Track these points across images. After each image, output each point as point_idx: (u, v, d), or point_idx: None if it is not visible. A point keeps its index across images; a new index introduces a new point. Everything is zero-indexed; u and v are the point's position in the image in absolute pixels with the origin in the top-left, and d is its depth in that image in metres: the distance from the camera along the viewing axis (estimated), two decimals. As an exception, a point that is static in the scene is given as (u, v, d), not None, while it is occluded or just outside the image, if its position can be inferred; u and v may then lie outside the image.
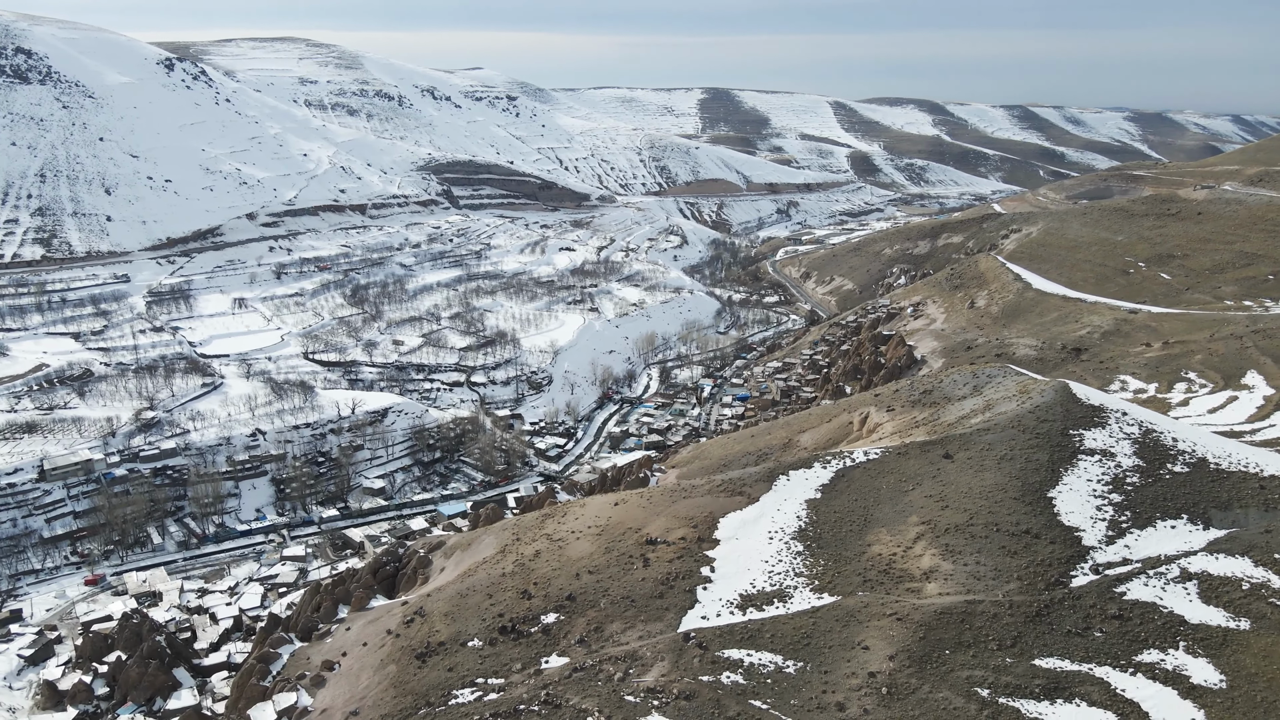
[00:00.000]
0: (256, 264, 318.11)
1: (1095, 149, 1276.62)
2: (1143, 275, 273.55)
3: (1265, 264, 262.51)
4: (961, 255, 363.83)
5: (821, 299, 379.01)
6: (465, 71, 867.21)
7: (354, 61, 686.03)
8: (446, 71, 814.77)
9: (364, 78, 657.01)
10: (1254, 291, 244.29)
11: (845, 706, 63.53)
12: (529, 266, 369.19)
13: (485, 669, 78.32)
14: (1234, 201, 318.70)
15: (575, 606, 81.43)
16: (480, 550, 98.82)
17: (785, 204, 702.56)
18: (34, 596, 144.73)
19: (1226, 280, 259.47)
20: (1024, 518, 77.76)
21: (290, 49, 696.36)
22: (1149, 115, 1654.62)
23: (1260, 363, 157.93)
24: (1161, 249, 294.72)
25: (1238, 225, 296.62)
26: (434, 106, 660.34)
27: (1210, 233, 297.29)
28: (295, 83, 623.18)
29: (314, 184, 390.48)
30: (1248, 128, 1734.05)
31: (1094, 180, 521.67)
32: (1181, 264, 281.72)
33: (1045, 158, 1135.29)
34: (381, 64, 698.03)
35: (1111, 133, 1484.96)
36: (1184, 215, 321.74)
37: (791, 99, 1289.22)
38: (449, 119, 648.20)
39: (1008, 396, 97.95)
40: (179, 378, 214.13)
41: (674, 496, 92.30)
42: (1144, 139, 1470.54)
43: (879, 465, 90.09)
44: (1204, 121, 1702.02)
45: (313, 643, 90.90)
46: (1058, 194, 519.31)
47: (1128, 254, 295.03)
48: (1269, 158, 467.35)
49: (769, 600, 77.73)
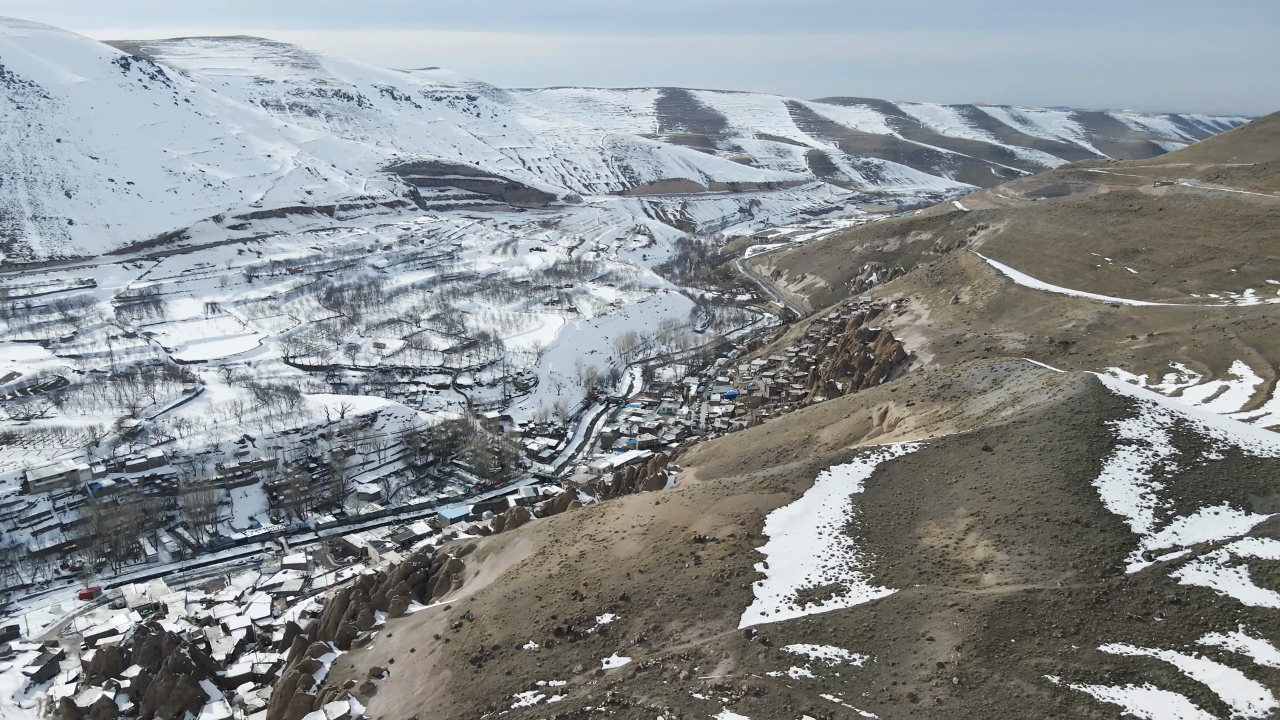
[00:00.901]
0: (226, 267, 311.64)
1: (1043, 147, 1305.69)
2: (1110, 270, 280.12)
3: (1227, 258, 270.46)
4: (931, 252, 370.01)
5: (794, 297, 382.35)
6: (422, 71, 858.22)
7: (310, 61, 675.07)
8: (403, 71, 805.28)
9: (322, 77, 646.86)
10: (1219, 285, 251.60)
11: (918, 697, 64.21)
12: (502, 267, 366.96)
13: (545, 671, 77.83)
14: (1193, 197, 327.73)
15: (630, 606, 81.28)
16: (516, 553, 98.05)
17: (747, 203, 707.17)
18: (28, 612, 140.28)
19: (1191, 274, 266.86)
20: (1072, 507, 79.31)
21: (244, 48, 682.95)
22: (1091, 114, 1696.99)
23: (1245, 353, 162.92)
24: (1126, 244, 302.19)
25: (1198, 220, 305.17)
26: (394, 107, 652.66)
27: (1172, 228, 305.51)
28: (251, 82, 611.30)
29: (280, 185, 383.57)
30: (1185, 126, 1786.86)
31: (1052, 178, 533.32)
32: (1147, 258, 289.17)
33: (996, 156, 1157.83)
34: (339, 64, 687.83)
35: (1057, 131, 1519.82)
36: (1146, 211, 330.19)
37: (747, 99, 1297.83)
38: (409, 119, 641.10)
39: (1035, 389, 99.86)
40: (158, 385, 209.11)
41: (717, 494, 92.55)
42: (1088, 137, 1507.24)
43: (919, 459, 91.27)
44: (1143, 120, 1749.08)
45: (352, 650, 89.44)
46: (1017, 191, 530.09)
47: (1094, 249, 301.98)
48: (1219, 155, 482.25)
49: (826, 595, 78.22)
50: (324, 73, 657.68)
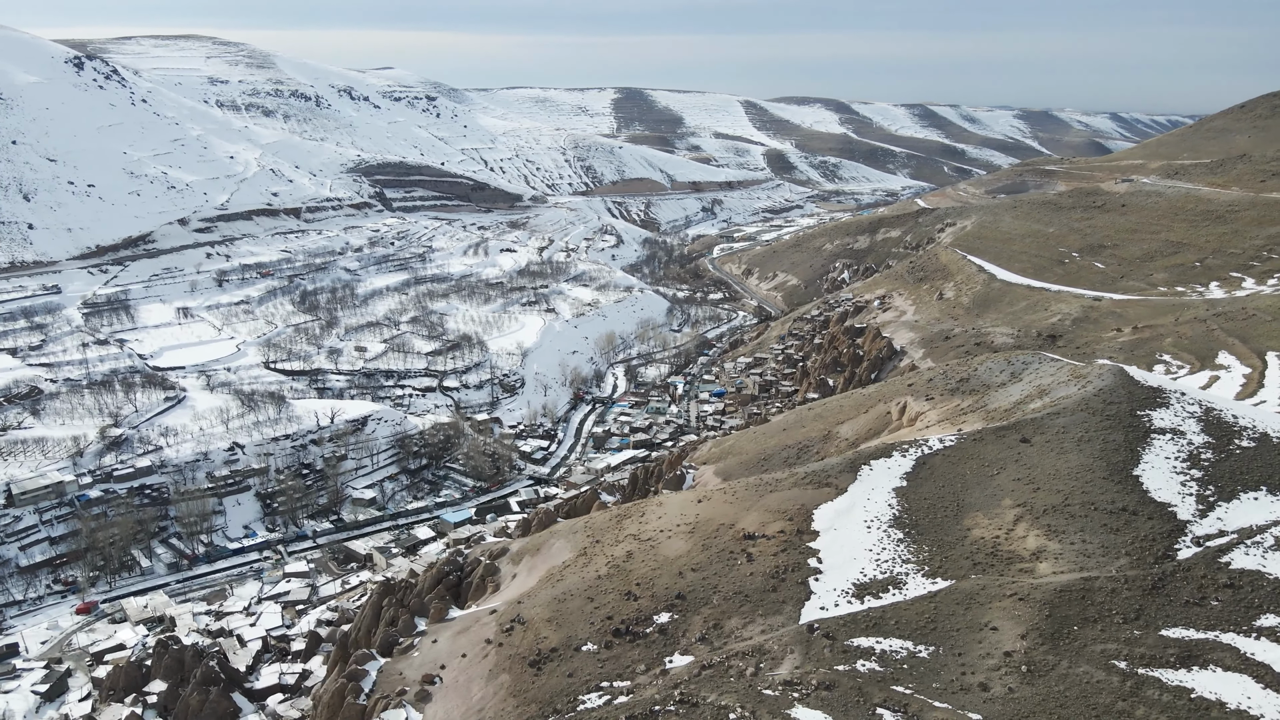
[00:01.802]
0: (195, 271, 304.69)
1: (992, 145, 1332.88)
2: (1078, 265, 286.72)
3: (1191, 252, 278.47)
4: (901, 249, 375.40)
5: (767, 295, 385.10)
6: (377, 71, 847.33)
7: (265, 61, 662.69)
8: (359, 71, 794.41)
9: (278, 77, 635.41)
10: (1184, 278, 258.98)
11: (989, 686, 65.05)
12: (475, 268, 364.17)
13: (607, 672, 77.54)
14: (1154, 194, 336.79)
15: (686, 605, 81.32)
16: (553, 555, 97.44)
17: (710, 202, 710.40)
18: (23, 629, 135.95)
19: (1157, 268, 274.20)
20: (1117, 496, 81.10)
21: (196, 47, 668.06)
22: (1036, 113, 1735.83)
23: (1229, 343, 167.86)
24: (1092, 239, 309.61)
25: (1160, 216, 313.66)
26: (353, 107, 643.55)
27: (1136, 223, 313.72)
28: (205, 82, 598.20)
29: (244, 187, 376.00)
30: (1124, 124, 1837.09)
31: (1010, 175, 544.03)
32: (1113, 254, 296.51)
33: (948, 154, 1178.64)
34: (295, 63, 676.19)
35: (1004, 130, 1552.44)
36: (1109, 207, 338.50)
37: (703, 98, 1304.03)
38: (369, 120, 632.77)
39: (1061, 382, 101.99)
40: (138, 392, 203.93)
41: (760, 491, 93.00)
42: (1034, 136, 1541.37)
43: (958, 452, 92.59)
44: (1085, 119, 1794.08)
45: (397, 658, 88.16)
46: (977, 189, 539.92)
47: (1061, 245, 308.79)
48: (1170, 152, 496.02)
49: (883, 588, 78.94)
50: (280, 73, 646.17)
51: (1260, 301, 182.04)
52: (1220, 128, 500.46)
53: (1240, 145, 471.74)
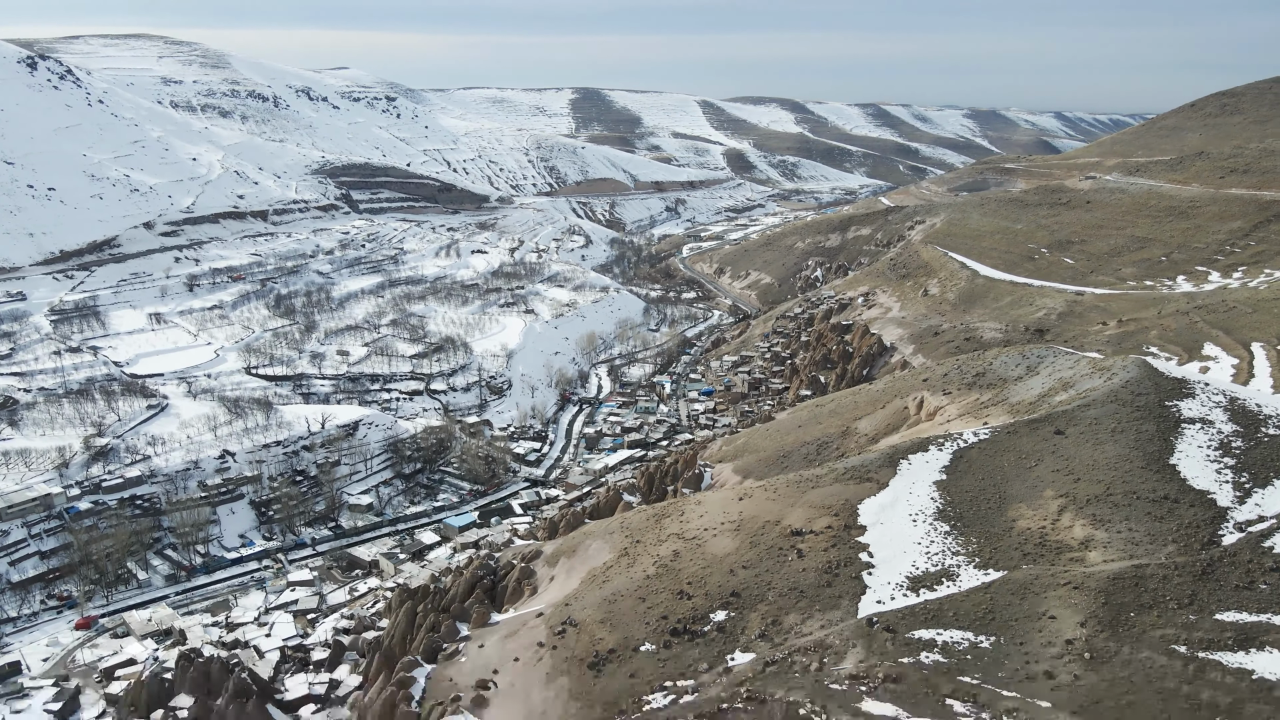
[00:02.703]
0: (165, 276, 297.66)
1: (944, 144, 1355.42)
2: (1048, 261, 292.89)
3: (1156, 247, 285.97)
4: (872, 246, 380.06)
5: (741, 293, 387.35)
6: (332, 71, 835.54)
7: (220, 60, 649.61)
8: (315, 71, 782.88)
9: (233, 77, 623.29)
10: (1152, 273, 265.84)
11: (1054, 674, 66.10)
12: (448, 270, 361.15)
13: (669, 672, 77.51)
14: (1117, 190, 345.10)
15: (741, 602, 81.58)
16: (591, 556, 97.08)
17: (673, 201, 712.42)
18: (21, 646, 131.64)
19: (1125, 263, 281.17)
20: (1157, 485, 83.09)
21: (148, 47, 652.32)
22: (984, 113, 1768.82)
23: (1213, 335, 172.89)
24: (1059, 235, 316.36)
25: (1124, 212, 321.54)
26: (311, 108, 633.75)
27: (1101, 219, 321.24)
28: (158, 82, 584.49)
29: (210, 190, 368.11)
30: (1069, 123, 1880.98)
31: (971, 173, 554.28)
32: (1081, 249, 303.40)
33: (902, 153, 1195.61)
34: (250, 63, 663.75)
35: (955, 129, 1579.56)
36: (1074, 204, 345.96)
37: (660, 98, 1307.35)
38: (329, 120, 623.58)
39: (1084, 374, 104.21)
40: (119, 401, 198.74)
41: (801, 487, 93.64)
42: (984, 135, 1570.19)
43: (993, 444, 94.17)
44: (1031, 118, 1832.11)
45: (442, 664, 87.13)
46: (940, 186, 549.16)
47: (1029, 241, 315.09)
48: (1125, 150, 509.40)
49: (937, 580, 79.86)
50: (235, 73, 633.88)
51: (1239, 294, 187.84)
52: (1172, 126, 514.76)
53: (1192, 143, 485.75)
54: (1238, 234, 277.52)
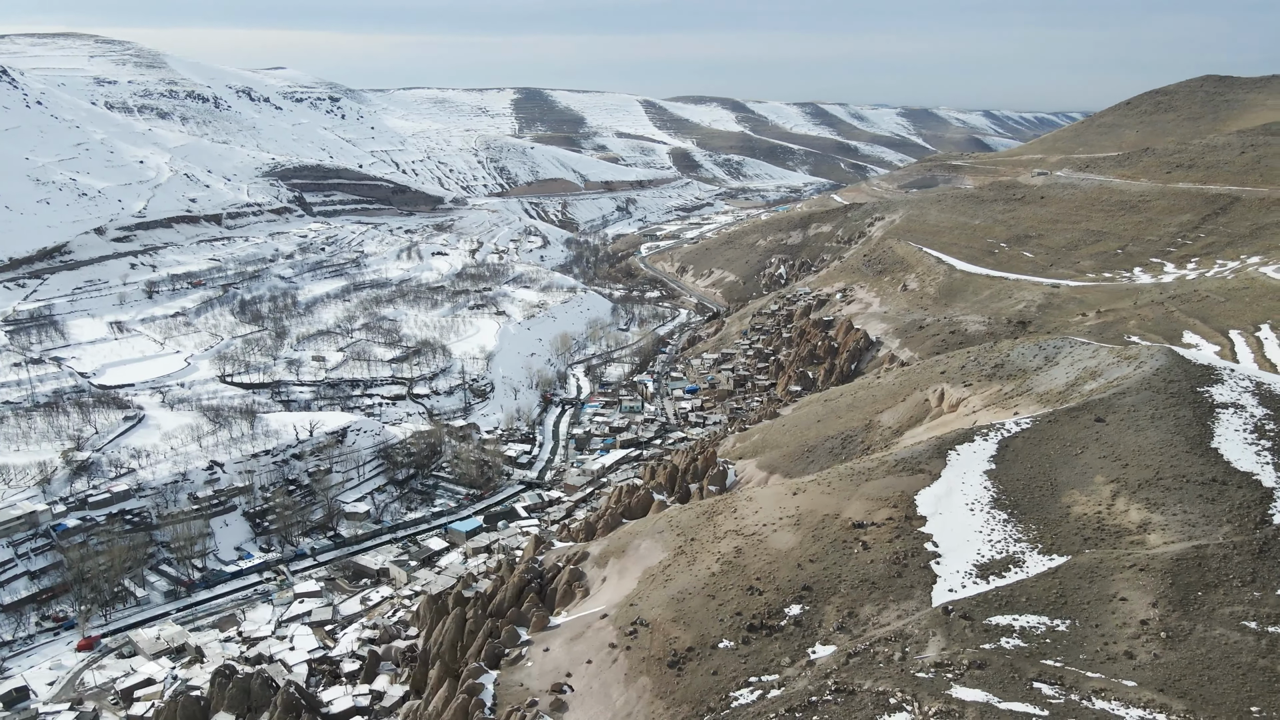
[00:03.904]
0: (122, 283, 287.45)
1: (881, 142, 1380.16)
2: (1008, 255, 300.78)
3: (1112, 240, 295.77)
4: (834, 243, 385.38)
5: (705, 292, 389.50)
6: (269, 71, 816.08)
7: (155, 60, 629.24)
8: (253, 71, 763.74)
9: (171, 78, 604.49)
10: (1109, 265, 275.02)
11: (1134, 654, 68.23)
12: (411, 273, 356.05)
13: (751, 667, 78.04)
14: (1070, 186, 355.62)
15: (814, 596, 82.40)
16: (644, 555, 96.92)
17: (624, 201, 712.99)
18: (23, 670, 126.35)
19: (1082, 256, 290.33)
20: (1204, 468, 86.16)
21: (79, 46, 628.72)
22: (917, 111, 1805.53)
23: (1191, 324, 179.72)
24: (1017, 230, 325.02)
25: (1078, 206, 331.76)
26: (254, 108, 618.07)
27: (1056, 214, 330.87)
28: (91, 83, 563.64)
29: (160, 193, 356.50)
30: (997, 121, 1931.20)
31: (919, 170, 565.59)
32: (1039, 243, 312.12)
33: (842, 151, 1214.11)
34: (187, 63, 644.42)
35: (890, 127, 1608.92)
36: (1029, 199, 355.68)
37: (602, 98, 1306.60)
38: (272, 121, 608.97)
39: (1110, 363, 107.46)
40: (93, 413, 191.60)
41: (854, 480, 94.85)
42: (918, 133, 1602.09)
43: (1035, 433, 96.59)
44: (962, 116, 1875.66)
45: (506, 670, 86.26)
46: (890, 184, 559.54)
47: (988, 236, 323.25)
48: (1066, 146, 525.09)
49: (1004, 567, 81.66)
50: (172, 73, 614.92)
51: (1210, 284, 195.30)
52: (1110, 123, 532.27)
53: (1130, 139, 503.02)
54: (1188, 226, 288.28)
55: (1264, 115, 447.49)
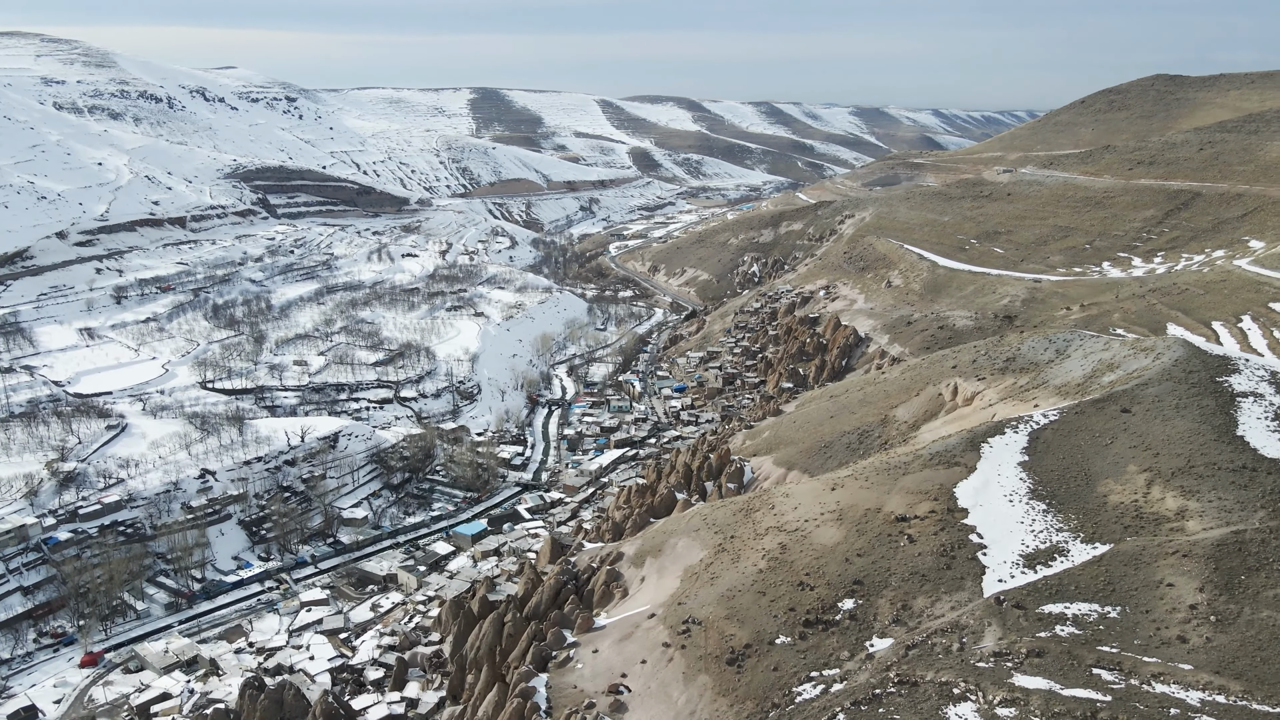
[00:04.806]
0: (89, 289, 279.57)
1: (836, 141, 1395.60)
2: (979, 251, 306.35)
3: (1079, 235, 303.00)
4: (805, 241, 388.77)
5: (679, 291, 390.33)
6: (220, 71, 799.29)
7: (105, 60, 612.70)
8: (204, 71, 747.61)
9: (122, 77, 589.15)
10: (1079, 259, 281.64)
11: (1186, 638, 70.07)
12: (384, 275, 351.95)
13: (811, 662, 78.51)
14: (1035, 183, 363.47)
15: (866, 590, 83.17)
16: (682, 554, 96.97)
17: (587, 201, 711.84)
18: (25, 689, 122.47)
19: (1052, 251, 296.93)
20: (1233, 455, 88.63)
21: (23, 45, 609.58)
22: (868, 110, 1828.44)
23: (1173, 316, 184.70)
24: (986, 226, 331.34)
25: (1044, 203, 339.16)
26: (209, 109, 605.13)
27: (1023, 210, 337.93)
28: (39, 83, 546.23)
29: (121, 196, 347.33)
30: (946, 120, 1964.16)
31: (882, 168, 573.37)
32: (1008, 239, 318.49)
33: (798, 150, 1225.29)
34: (138, 63, 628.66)
35: (844, 126, 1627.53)
36: (996, 196, 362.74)
37: (560, 98, 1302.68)
38: (228, 122, 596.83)
39: (1126, 355, 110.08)
40: (74, 423, 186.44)
41: (892, 475, 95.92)
42: (871, 131, 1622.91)
43: (1064, 425, 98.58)
44: (912, 115, 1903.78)
45: (555, 672, 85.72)
46: (853, 181, 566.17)
47: (958, 232, 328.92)
48: (1023, 144, 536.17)
49: (1050, 556, 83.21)
50: (123, 72, 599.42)
51: (1187, 278, 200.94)
52: (1066, 121, 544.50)
53: (1085, 137, 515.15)
54: (1152, 221, 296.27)
55: (1213, 113, 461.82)
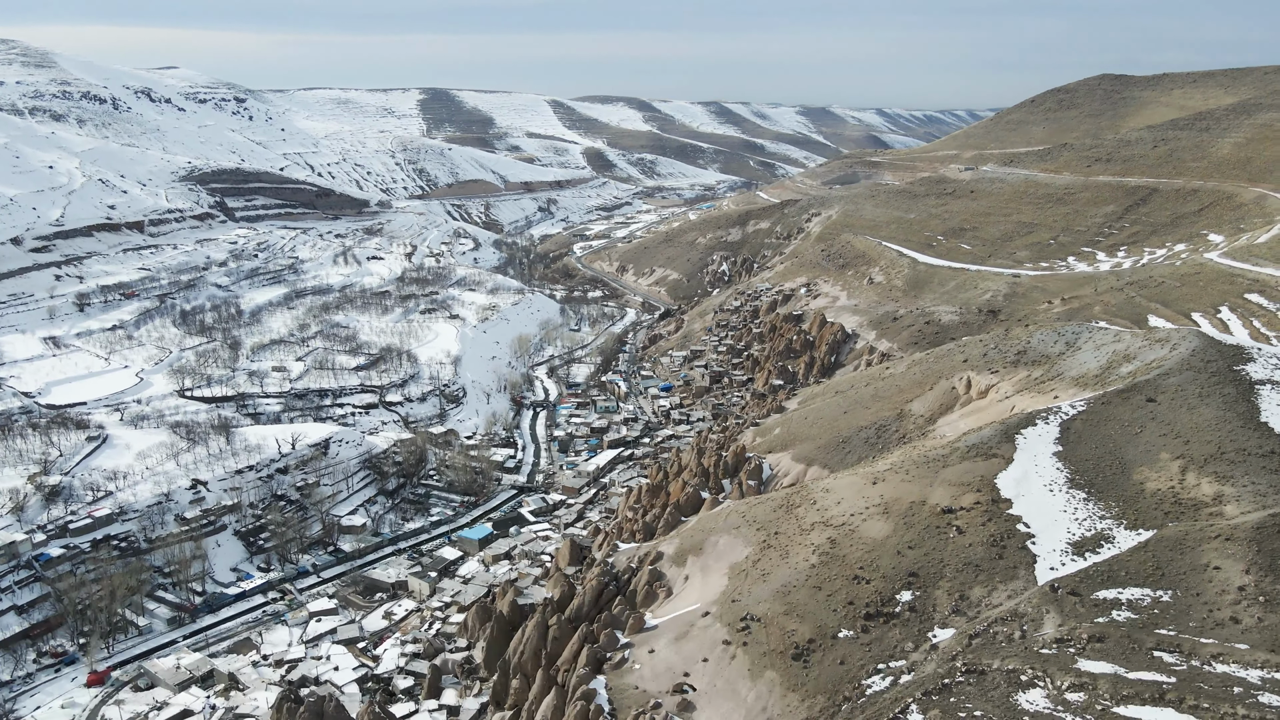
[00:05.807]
0: (49, 296, 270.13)
1: (785, 140, 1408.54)
2: (946, 247, 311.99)
3: (1043, 231, 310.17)
4: (773, 239, 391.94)
5: (649, 290, 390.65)
6: (162, 71, 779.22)
7: (44, 59, 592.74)
8: (146, 71, 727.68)
9: (63, 77, 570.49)
10: (1044, 255, 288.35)
11: (1239, 619, 72.42)
12: (351, 278, 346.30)
13: (877, 655, 79.40)
14: (997, 180, 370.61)
15: (922, 581, 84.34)
16: (725, 552, 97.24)
17: (545, 201, 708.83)
18: (30, 711, 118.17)
19: (1018, 247, 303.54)
20: (1260, 441, 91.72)
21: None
22: (815, 109, 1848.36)
23: (1153, 308, 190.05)
24: (951, 224, 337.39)
25: (1007, 200, 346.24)
26: (155, 110, 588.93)
27: (988, 207, 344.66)
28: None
29: (76, 200, 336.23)
30: (889, 119, 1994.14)
31: (840, 167, 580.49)
32: (974, 235, 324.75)
33: (750, 149, 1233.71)
34: (80, 62, 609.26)
35: (792, 125, 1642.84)
36: (959, 194, 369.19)
37: (510, 98, 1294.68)
38: (176, 123, 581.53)
39: (1141, 346, 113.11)
40: (53, 435, 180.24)
41: (931, 468, 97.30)
42: (819, 131, 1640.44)
43: (1093, 415, 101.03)
44: (857, 114, 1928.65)
45: (611, 674, 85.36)
46: (813, 180, 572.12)
47: (925, 229, 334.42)
48: (978, 143, 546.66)
49: (1097, 543, 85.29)
50: (64, 72, 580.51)
51: (1162, 271, 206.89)
52: (1017, 120, 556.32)
53: (1037, 135, 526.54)
54: (1113, 217, 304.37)
55: (1160, 111, 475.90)
